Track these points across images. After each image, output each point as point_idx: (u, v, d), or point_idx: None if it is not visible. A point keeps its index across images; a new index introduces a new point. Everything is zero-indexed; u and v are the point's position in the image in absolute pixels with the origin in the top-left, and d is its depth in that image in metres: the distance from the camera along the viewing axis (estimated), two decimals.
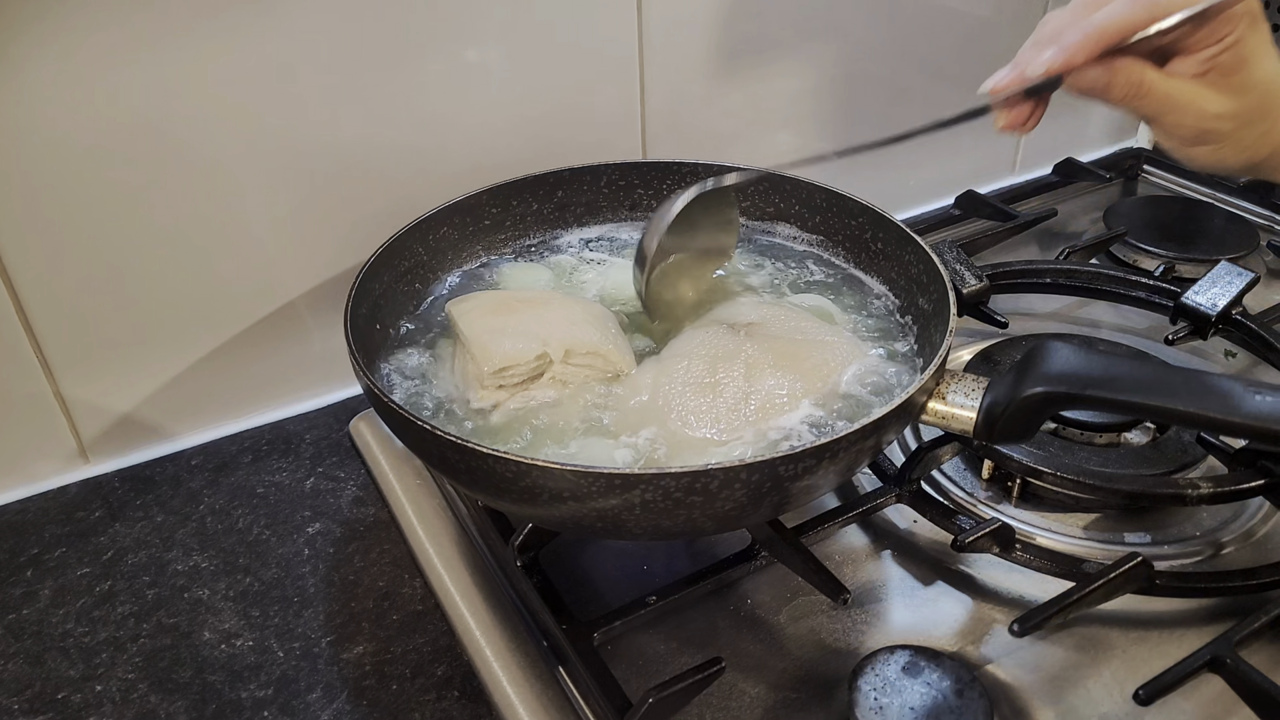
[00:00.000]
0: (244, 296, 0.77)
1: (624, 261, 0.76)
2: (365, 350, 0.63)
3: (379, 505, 0.72)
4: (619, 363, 0.63)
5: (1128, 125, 1.23)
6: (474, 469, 0.51)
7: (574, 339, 0.63)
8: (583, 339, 0.63)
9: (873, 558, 0.66)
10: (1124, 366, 0.52)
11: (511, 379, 0.62)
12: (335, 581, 0.67)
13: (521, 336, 0.62)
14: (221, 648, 0.63)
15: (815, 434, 0.59)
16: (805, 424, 0.59)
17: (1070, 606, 0.56)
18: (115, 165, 0.68)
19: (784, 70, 0.93)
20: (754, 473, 0.49)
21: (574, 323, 0.64)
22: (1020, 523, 0.68)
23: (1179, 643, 0.60)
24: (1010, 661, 0.59)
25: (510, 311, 0.65)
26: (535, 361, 0.62)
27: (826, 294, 0.73)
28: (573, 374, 0.63)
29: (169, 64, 0.67)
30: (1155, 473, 0.67)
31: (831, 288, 0.74)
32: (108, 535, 0.71)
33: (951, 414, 0.56)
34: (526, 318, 0.64)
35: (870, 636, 0.61)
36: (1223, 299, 0.79)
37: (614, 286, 0.73)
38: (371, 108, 0.74)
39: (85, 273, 0.70)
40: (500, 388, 0.62)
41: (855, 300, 0.72)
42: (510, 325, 0.63)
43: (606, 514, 0.51)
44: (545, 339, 0.62)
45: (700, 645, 0.60)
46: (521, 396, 0.62)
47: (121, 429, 0.77)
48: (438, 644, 0.62)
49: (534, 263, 0.77)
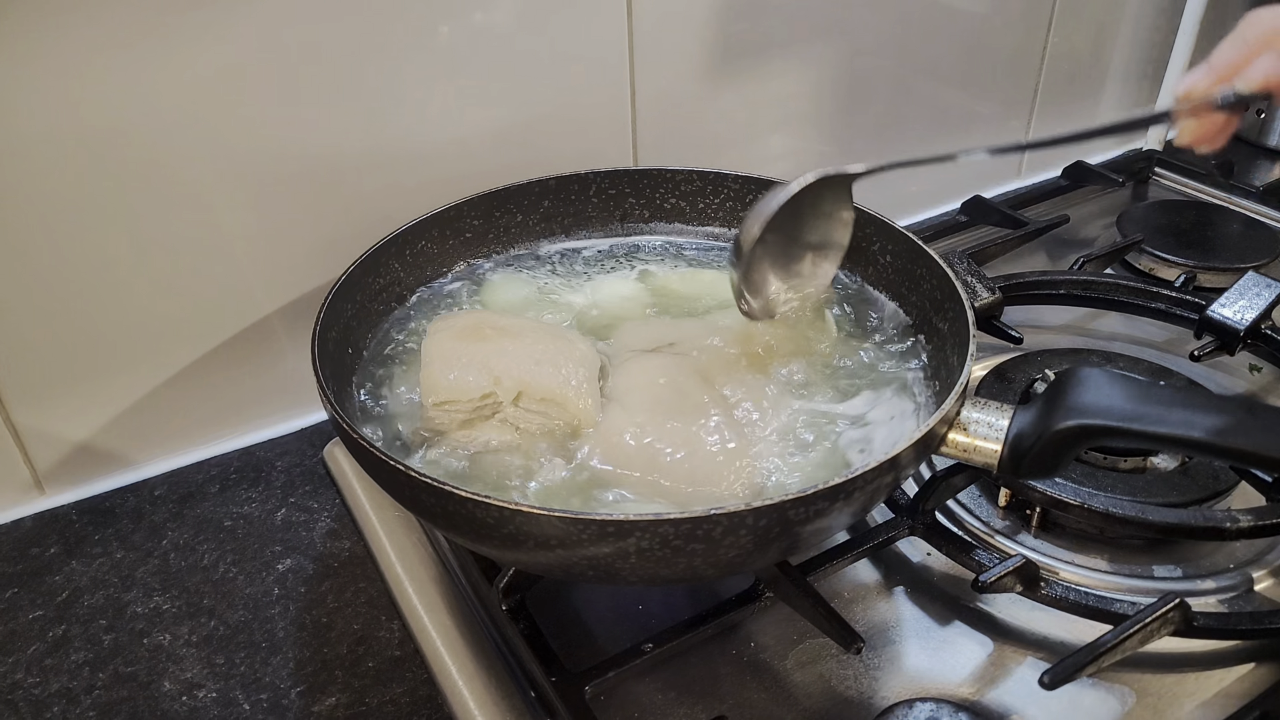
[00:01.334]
0: (212, 314, 0.72)
1: (612, 277, 0.72)
2: (336, 378, 0.58)
3: (354, 539, 0.68)
4: (578, 414, 0.57)
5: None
6: (452, 514, 0.46)
7: (530, 381, 0.57)
8: (540, 383, 0.57)
9: (885, 595, 0.62)
10: (1166, 397, 0.47)
11: (456, 413, 0.57)
12: (306, 624, 0.62)
13: (474, 369, 0.57)
14: (183, 699, 0.58)
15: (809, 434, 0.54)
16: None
17: (1104, 655, 0.52)
18: (72, 178, 0.63)
19: (781, 72, 0.89)
20: (761, 517, 0.45)
21: (538, 361, 0.58)
22: (1040, 555, 0.64)
23: (1218, 686, 0.56)
24: (1039, 711, 0.54)
25: (479, 339, 0.59)
26: (481, 400, 0.57)
27: (827, 309, 0.68)
28: (524, 419, 0.57)
29: (129, 71, 0.62)
30: (1186, 500, 0.63)
31: (834, 302, 0.69)
32: (63, 574, 0.66)
33: (974, 446, 0.52)
34: (490, 348, 0.58)
35: (884, 684, 0.56)
36: (1251, 312, 0.75)
37: (605, 301, 0.68)
38: (347, 114, 0.70)
39: (39, 292, 0.65)
40: (445, 423, 0.57)
41: (859, 316, 0.67)
42: (467, 355, 0.58)
43: (598, 562, 0.47)
44: (499, 376, 0.57)
45: (701, 695, 0.56)
46: (466, 435, 0.57)
47: (80, 458, 0.72)
48: (416, 694, 0.57)
49: (522, 272, 0.72)
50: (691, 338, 0.63)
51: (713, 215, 0.75)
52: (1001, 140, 1.08)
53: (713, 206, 0.75)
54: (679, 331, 0.64)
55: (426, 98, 0.72)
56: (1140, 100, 1.17)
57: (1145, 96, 1.16)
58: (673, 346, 0.62)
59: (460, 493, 0.45)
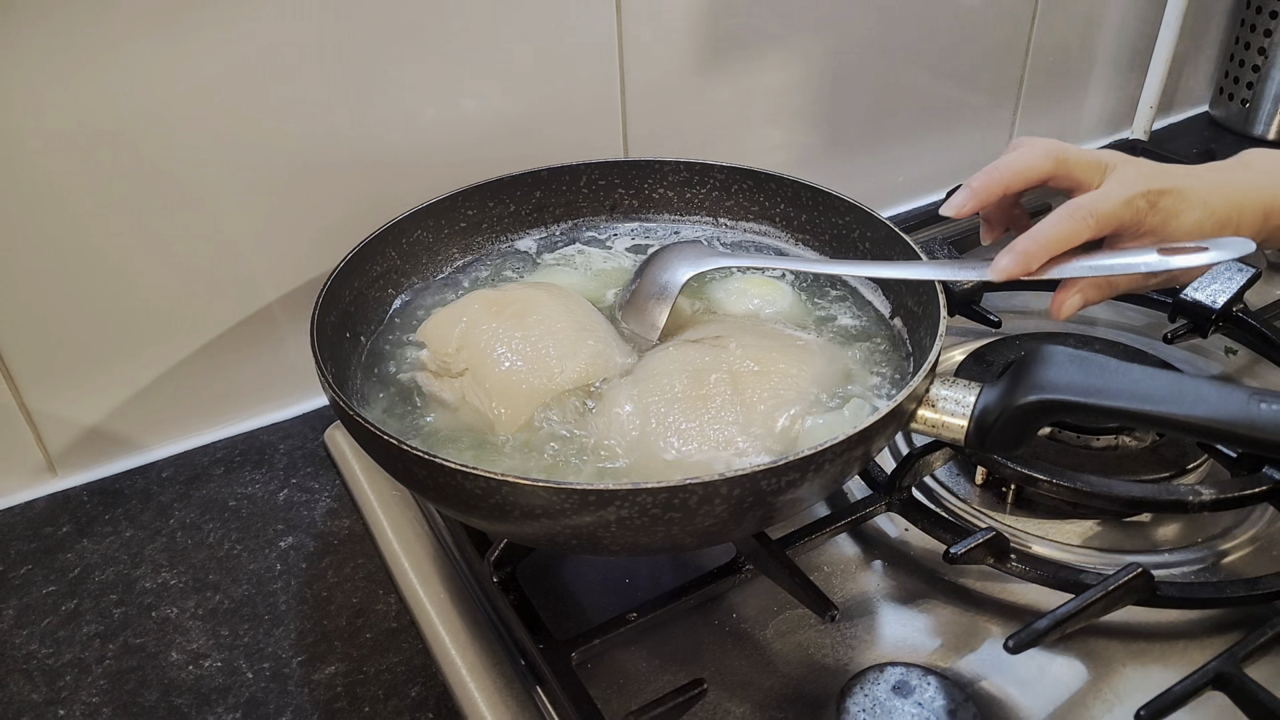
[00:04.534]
0: (216, 302, 0.74)
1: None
2: (335, 360, 0.60)
3: (354, 517, 0.70)
4: (493, 419, 0.59)
5: (1123, 116, 1.21)
6: (441, 485, 0.49)
7: (479, 368, 0.60)
8: (487, 373, 0.60)
9: (864, 569, 0.64)
10: (1124, 372, 0.50)
11: (430, 358, 0.62)
12: (307, 598, 0.65)
13: (455, 330, 0.61)
14: (189, 669, 0.60)
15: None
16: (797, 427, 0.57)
17: (1068, 621, 0.54)
18: (79, 170, 0.65)
19: (771, 63, 0.90)
20: (735, 487, 0.47)
21: (500, 357, 0.60)
22: (1015, 530, 0.66)
23: (1183, 656, 0.58)
24: (1006, 678, 0.56)
25: (492, 312, 0.62)
26: (443, 357, 0.62)
27: (813, 296, 0.70)
28: (471, 393, 0.61)
29: (133, 66, 0.64)
30: (1155, 477, 0.65)
31: (817, 290, 0.71)
32: (75, 552, 0.69)
33: (942, 422, 0.54)
34: (487, 325, 0.61)
35: (861, 652, 0.58)
36: (1223, 295, 0.77)
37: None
38: (343, 106, 0.72)
39: (50, 281, 0.68)
40: (436, 372, 0.62)
41: (843, 303, 0.70)
42: (468, 317, 0.62)
43: (581, 531, 0.49)
44: (461, 347, 0.61)
45: (683, 663, 0.58)
46: (429, 380, 0.62)
47: (90, 441, 0.74)
48: (412, 663, 0.60)
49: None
50: (739, 333, 0.63)
51: (699, 205, 0.78)
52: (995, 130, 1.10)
53: (699, 196, 0.77)
54: (728, 328, 0.64)
55: (421, 93, 0.74)
56: (1125, 90, 1.18)
57: (1130, 86, 1.18)
58: (718, 339, 0.62)
59: (448, 464, 0.47)
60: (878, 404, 0.58)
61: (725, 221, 0.77)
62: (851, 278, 0.71)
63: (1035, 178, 0.58)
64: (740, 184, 0.76)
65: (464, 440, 0.59)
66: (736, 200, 0.77)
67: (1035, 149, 0.57)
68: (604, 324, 0.65)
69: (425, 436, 0.59)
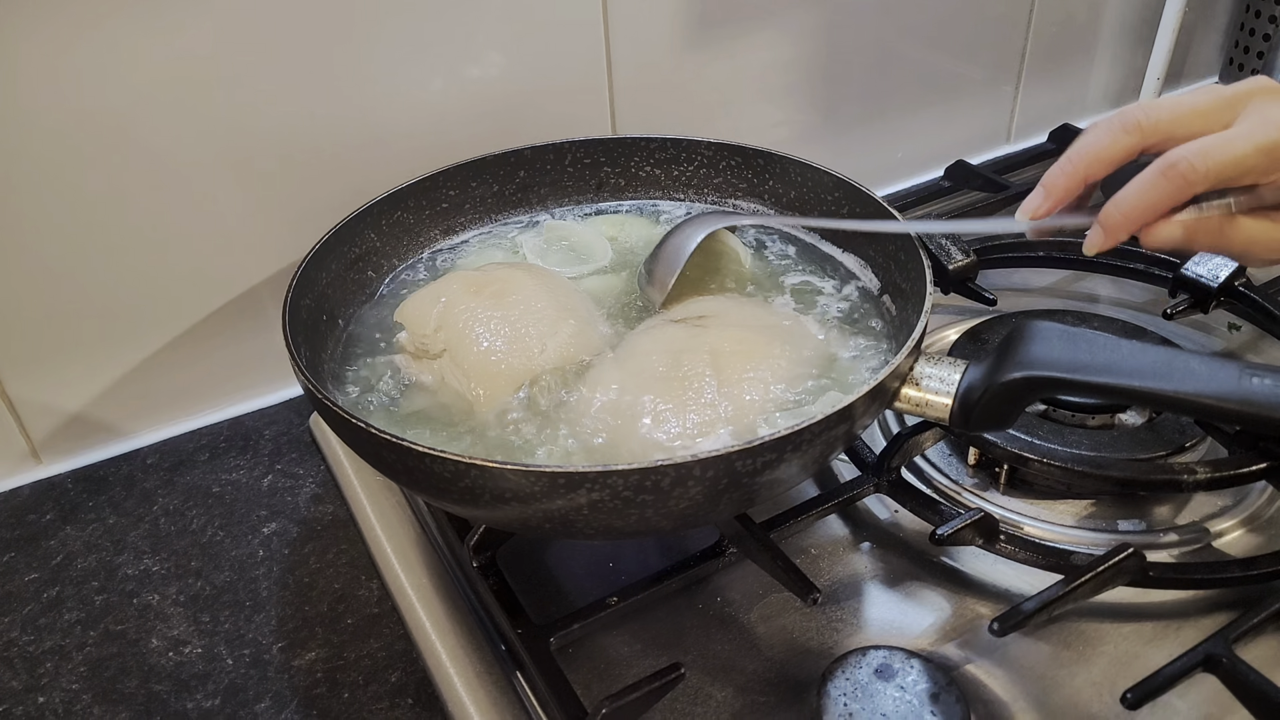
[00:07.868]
0: (200, 286, 0.74)
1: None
2: (310, 344, 0.59)
3: (337, 503, 0.69)
4: (471, 400, 0.58)
5: (1126, 89, 1.18)
6: (411, 469, 0.48)
7: (457, 349, 0.59)
8: (464, 355, 0.59)
9: (852, 550, 0.63)
10: (1112, 348, 0.48)
11: (408, 340, 0.61)
12: (289, 584, 0.64)
13: (433, 310, 0.61)
14: (169, 655, 0.60)
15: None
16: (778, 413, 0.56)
17: (1055, 603, 0.53)
18: (62, 155, 0.65)
19: (765, 38, 0.89)
20: (709, 468, 0.46)
21: (478, 338, 0.59)
22: (1007, 511, 0.64)
23: (1174, 638, 0.56)
24: (992, 661, 0.55)
25: (472, 292, 0.61)
26: (421, 338, 0.61)
27: (803, 275, 0.69)
28: (450, 375, 0.60)
29: (107, 48, 0.63)
30: (1151, 456, 0.64)
31: (809, 268, 0.70)
32: (58, 539, 0.68)
33: (926, 400, 0.53)
34: (465, 304, 0.60)
35: (846, 635, 0.57)
36: (1224, 270, 0.75)
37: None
38: (325, 88, 0.71)
39: (32, 267, 0.67)
40: (415, 354, 0.61)
41: (834, 280, 0.68)
42: (447, 297, 0.61)
43: (554, 515, 0.48)
44: (440, 328, 0.60)
45: (665, 647, 0.57)
46: (408, 363, 0.61)
47: (74, 428, 0.74)
48: (392, 649, 0.59)
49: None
50: (723, 314, 0.62)
51: (686, 183, 0.76)
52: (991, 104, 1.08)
53: (686, 174, 0.76)
54: (716, 306, 0.64)
55: (402, 70, 0.73)
56: (1131, 62, 1.16)
57: (1136, 58, 1.15)
58: (701, 319, 0.61)
59: (416, 448, 0.46)
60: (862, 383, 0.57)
61: (713, 199, 0.76)
62: (840, 255, 0.69)
63: (1117, 158, 0.50)
64: (728, 160, 0.75)
65: (441, 421, 0.58)
66: (725, 177, 0.75)
67: (1111, 125, 0.50)
68: (585, 303, 0.64)
69: (403, 419, 0.59)
